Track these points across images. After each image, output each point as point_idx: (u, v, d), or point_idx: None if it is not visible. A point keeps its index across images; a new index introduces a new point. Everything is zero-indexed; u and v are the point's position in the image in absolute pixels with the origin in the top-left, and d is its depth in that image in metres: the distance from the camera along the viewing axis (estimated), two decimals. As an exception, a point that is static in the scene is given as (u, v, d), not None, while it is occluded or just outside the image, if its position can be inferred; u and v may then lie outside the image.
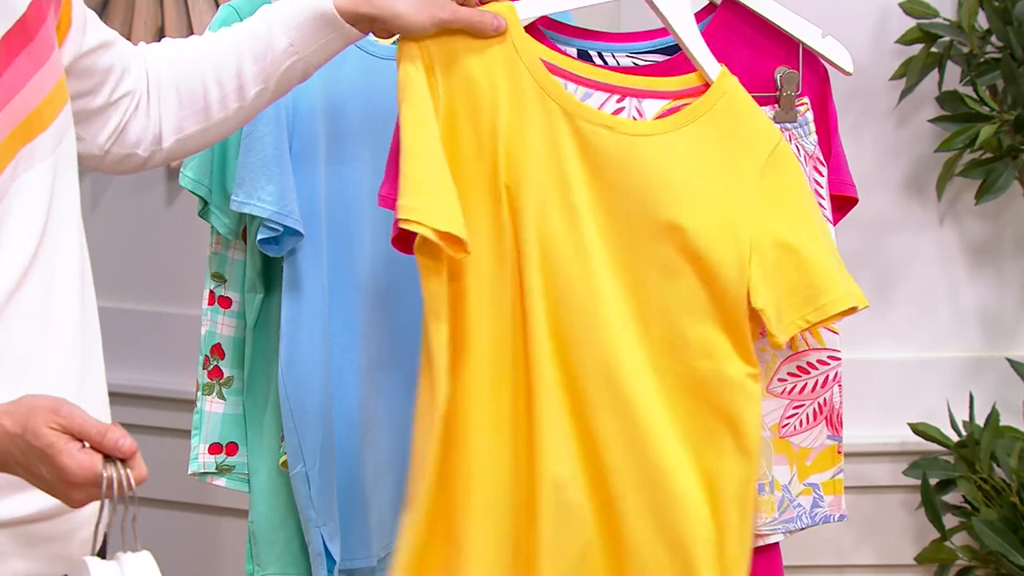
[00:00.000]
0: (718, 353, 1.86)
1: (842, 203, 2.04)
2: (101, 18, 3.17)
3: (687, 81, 1.90)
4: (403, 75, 1.82)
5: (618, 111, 1.87)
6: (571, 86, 1.86)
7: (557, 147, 1.84)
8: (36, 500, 1.51)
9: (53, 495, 1.46)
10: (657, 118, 1.88)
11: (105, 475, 1.42)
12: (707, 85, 1.89)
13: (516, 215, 1.83)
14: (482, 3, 1.85)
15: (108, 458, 1.43)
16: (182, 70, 1.84)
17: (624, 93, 1.88)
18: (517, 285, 1.84)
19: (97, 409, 1.66)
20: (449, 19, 1.80)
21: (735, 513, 1.86)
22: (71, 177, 1.66)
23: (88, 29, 1.74)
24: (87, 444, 1.44)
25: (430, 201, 1.78)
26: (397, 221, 1.87)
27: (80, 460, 1.42)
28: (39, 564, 1.60)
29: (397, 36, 1.86)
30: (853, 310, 1.89)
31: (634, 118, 1.87)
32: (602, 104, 1.87)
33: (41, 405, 1.45)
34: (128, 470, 1.43)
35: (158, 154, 1.85)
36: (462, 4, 1.82)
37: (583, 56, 2.01)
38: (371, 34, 1.86)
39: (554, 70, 1.86)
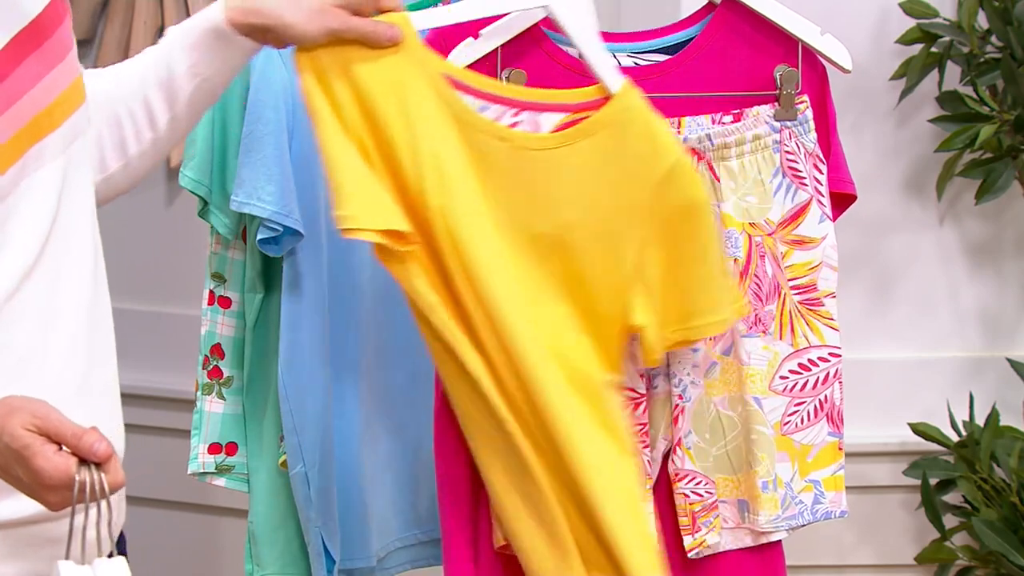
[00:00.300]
0: (596, 361, 1.86)
1: (841, 200, 2.04)
2: (101, 18, 3.19)
3: (587, 94, 1.87)
4: (305, 90, 1.80)
5: (515, 124, 1.85)
6: (469, 98, 1.84)
7: (454, 157, 1.82)
8: (33, 502, 1.51)
9: (31, 497, 1.46)
10: (554, 131, 1.86)
11: (78, 479, 1.42)
12: (607, 99, 1.87)
13: (423, 224, 1.81)
14: (381, 13, 1.83)
15: (84, 462, 1.43)
16: (100, 103, 1.79)
17: (522, 107, 1.86)
18: (447, 286, 1.83)
19: (104, 412, 1.66)
20: (341, 28, 1.77)
21: (631, 509, 1.86)
22: (84, 177, 1.66)
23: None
24: (64, 447, 1.43)
25: (363, 205, 1.77)
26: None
27: (55, 462, 1.42)
28: (40, 565, 1.60)
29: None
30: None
31: (530, 131, 1.86)
32: (499, 117, 1.85)
33: (20, 406, 1.45)
34: (103, 474, 1.42)
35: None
36: (355, 14, 1.79)
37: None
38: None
39: (453, 83, 1.84)
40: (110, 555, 1.44)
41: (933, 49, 2.67)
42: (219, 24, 1.76)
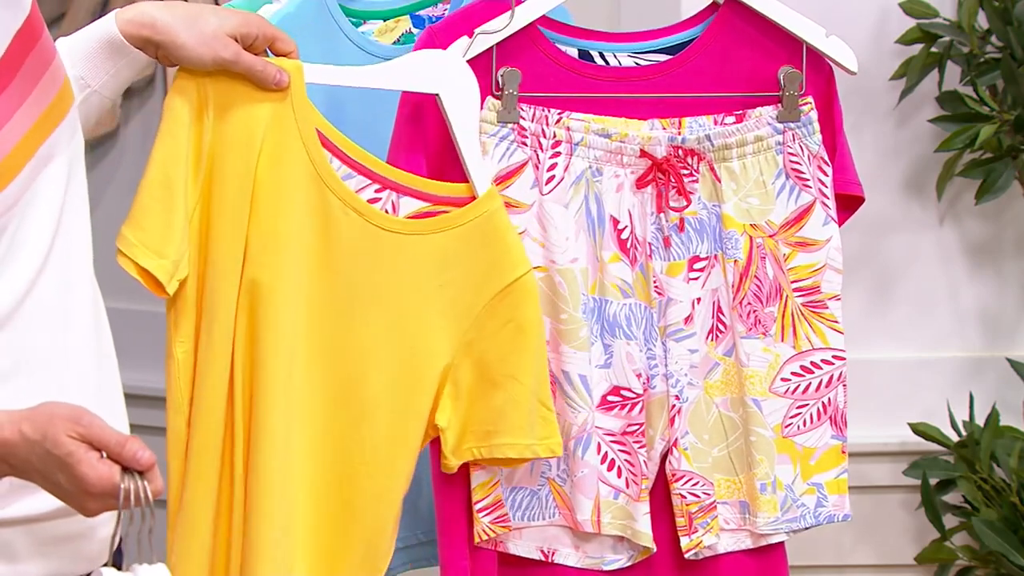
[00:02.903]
0: (383, 460, 1.84)
1: (849, 202, 2.04)
2: (100, 18, 3.18)
3: (453, 190, 1.87)
4: (169, 106, 1.79)
5: (374, 200, 1.85)
6: (336, 163, 1.83)
7: (303, 216, 1.81)
8: (54, 498, 1.52)
9: (68, 503, 1.46)
10: (410, 217, 1.85)
11: (123, 486, 1.42)
12: (472, 199, 1.86)
13: (247, 267, 1.80)
14: (274, 54, 1.82)
15: (126, 469, 1.43)
16: None
17: (385, 184, 1.85)
18: (231, 335, 1.81)
19: (115, 407, 1.66)
20: (231, 60, 1.75)
21: None
22: (80, 173, 1.66)
23: None
24: (105, 455, 1.44)
25: (143, 235, 1.76)
26: None
27: (99, 470, 1.42)
28: (58, 563, 1.60)
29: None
30: (530, 459, 1.89)
31: (387, 211, 1.85)
32: (360, 189, 1.84)
33: (61, 413, 1.44)
34: (145, 482, 1.43)
35: None
36: (248, 49, 1.77)
37: (584, 56, 2.01)
38: (156, 60, 1.79)
39: (325, 143, 1.82)
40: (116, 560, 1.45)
41: (933, 49, 2.67)
42: (112, 34, 1.74)
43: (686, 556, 1.99)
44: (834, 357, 2.00)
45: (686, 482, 1.98)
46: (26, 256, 1.57)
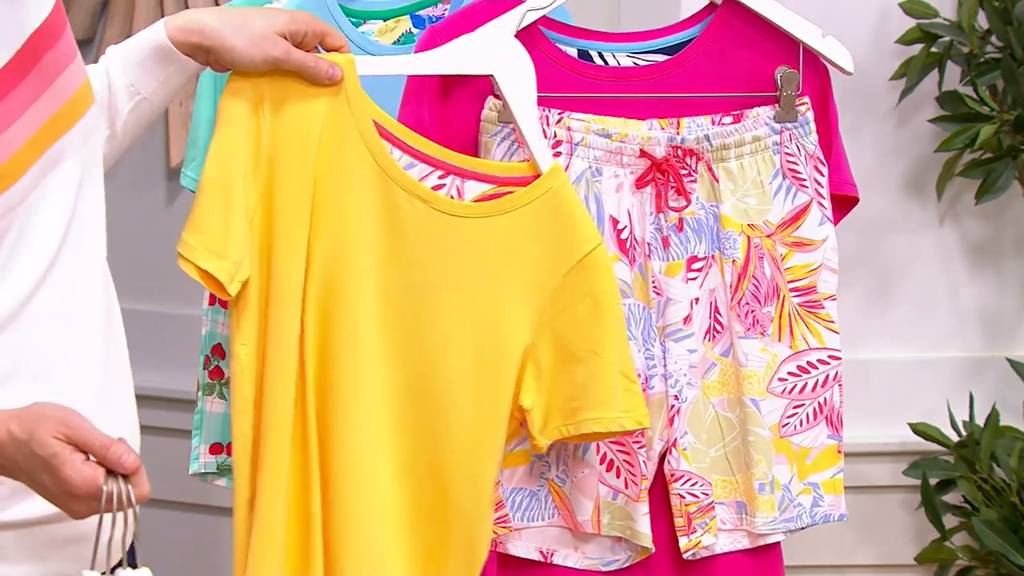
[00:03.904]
0: (471, 447, 1.83)
1: (843, 202, 2.04)
2: (101, 18, 3.19)
3: (516, 169, 1.87)
4: (224, 109, 1.78)
5: (438, 187, 1.84)
6: (396, 152, 1.83)
7: (368, 209, 1.81)
8: None
9: (55, 505, 1.46)
10: (476, 201, 1.85)
11: (106, 489, 1.42)
12: (535, 177, 1.85)
13: (310, 264, 1.79)
14: (325, 49, 1.82)
15: (112, 473, 1.43)
16: None
17: (448, 170, 1.85)
18: (299, 333, 1.80)
19: (122, 414, 1.66)
20: (282, 58, 1.75)
21: None
22: (97, 177, 1.66)
23: None
24: (92, 457, 1.44)
25: (204, 238, 1.76)
26: None
27: (83, 473, 1.42)
28: (59, 565, 1.60)
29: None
30: (619, 434, 1.88)
31: (452, 196, 1.85)
32: (424, 176, 1.84)
33: (50, 414, 1.45)
34: (129, 486, 1.43)
35: None
36: (298, 46, 1.78)
37: (584, 56, 2.01)
38: (204, 64, 1.79)
39: (384, 133, 1.82)
40: (133, 565, 1.45)
41: (933, 49, 2.67)
42: (162, 42, 1.75)
43: (684, 556, 1.99)
44: (830, 357, 2.00)
45: (685, 482, 1.98)
46: (31, 259, 1.57)
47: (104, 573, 1.44)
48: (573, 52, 2.00)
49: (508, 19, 1.90)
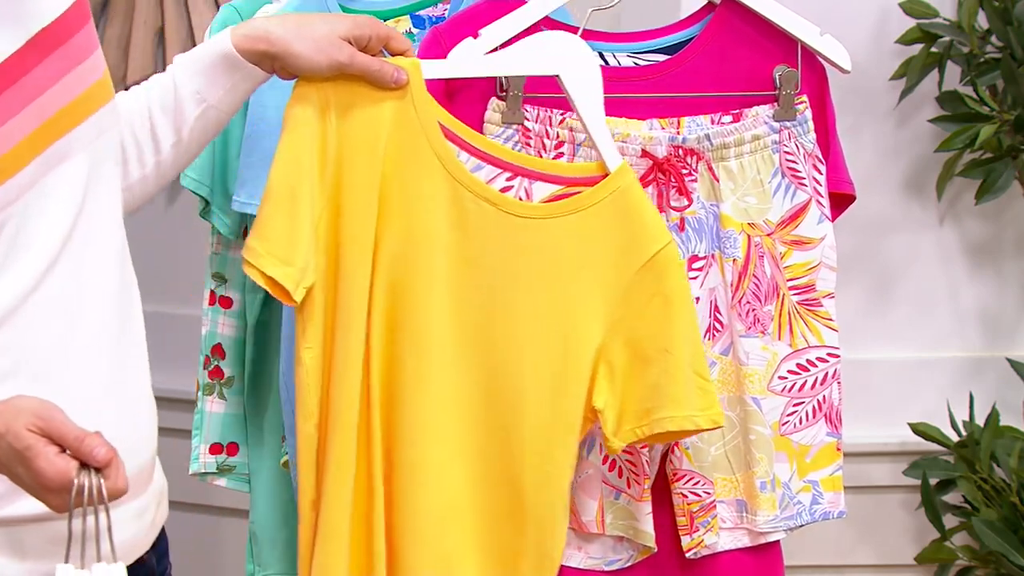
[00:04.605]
0: (545, 449, 1.83)
1: (840, 200, 2.04)
2: (101, 19, 3.19)
3: (584, 169, 1.86)
4: (290, 115, 1.78)
5: (506, 189, 1.84)
6: (463, 155, 1.83)
7: (435, 213, 1.81)
8: None
9: (35, 497, 1.46)
10: (544, 202, 1.85)
11: (76, 482, 1.42)
12: (603, 176, 1.85)
13: (377, 268, 1.79)
14: (390, 53, 1.82)
15: (86, 466, 1.43)
16: None
17: (516, 172, 1.85)
18: (365, 336, 1.80)
19: (134, 410, 1.66)
20: (347, 63, 1.76)
21: None
22: (110, 173, 1.66)
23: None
24: (68, 450, 1.44)
25: (269, 245, 1.76)
26: None
27: (56, 465, 1.42)
28: (53, 563, 1.60)
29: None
30: (693, 433, 1.87)
31: (520, 198, 1.85)
32: (491, 179, 1.84)
33: (25, 407, 1.45)
34: (101, 479, 1.42)
35: None
36: (363, 50, 1.78)
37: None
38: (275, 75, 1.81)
39: (450, 136, 1.82)
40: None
41: (933, 49, 2.67)
42: (228, 50, 1.76)
43: (687, 555, 1.99)
44: (828, 355, 2.00)
45: (687, 481, 1.98)
46: (31, 256, 1.57)
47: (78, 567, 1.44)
48: (574, 55, 2.00)
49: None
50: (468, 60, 1.88)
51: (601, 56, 2.02)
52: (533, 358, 1.82)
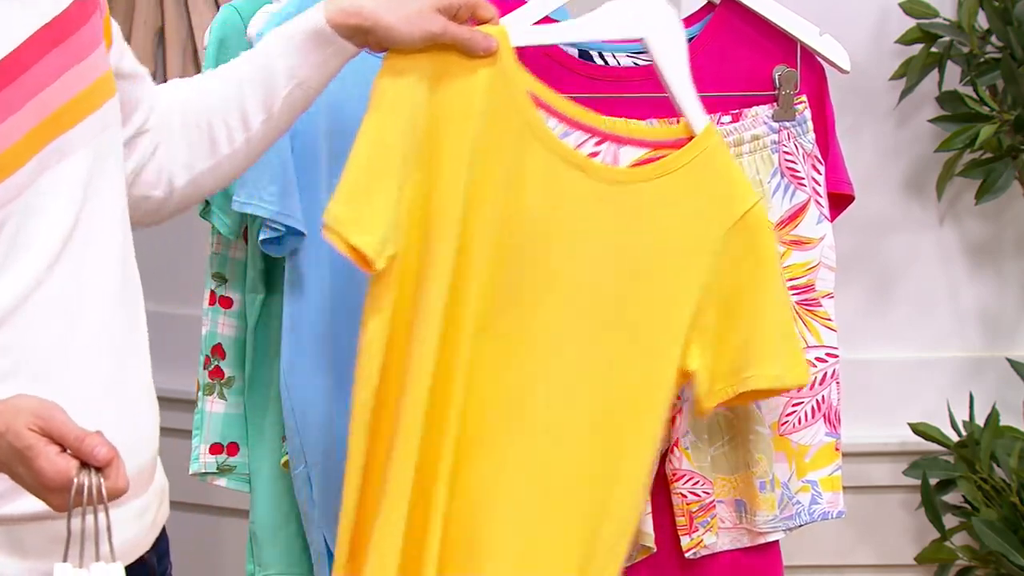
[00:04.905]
0: (638, 411, 1.84)
1: (838, 201, 2.05)
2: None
3: (671, 132, 1.87)
4: (381, 87, 1.79)
5: (594, 154, 1.85)
6: (552, 122, 1.84)
7: (526, 180, 1.81)
8: None
9: (36, 496, 1.46)
10: (633, 166, 1.85)
11: (76, 481, 1.41)
12: (690, 138, 1.86)
13: (469, 237, 1.80)
14: (477, 24, 1.84)
15: (87, 465, 1.43)
16: (188, 106, 1.82)
17: (604, 137, 1.86)
18: (450, 311, 1.80)
19: (136, 410, 1.66)
20: (439, 33, 1.78)
21: (606, 560, 1.85)
22: (112, 172, 1.66)
23: (125, 54, 1.76)
24: (68, 450, 1.44)
25: (353, 212, 1.77)
26: None
27: (56, 465, 1.42)
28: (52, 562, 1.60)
29: None
30: (780, 391, 1.88)
31: (608, 163, 1.85)
32: (580, 144, 1.85)
33: (26, 406, 1.45)
34: (101, 479, 1.42)
35: (173, 196, 1.83)
36: (452, 20, 1.79)
37: (584, 56, 2.01)
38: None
39: (539, 103, 1.83)
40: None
41: (933, 49, 2.67)
42: (320, 26, 1.78)
43: (686, 555, 1.99)
44: (827, 355, 2.00)
45: (687, 481, 1.98)
46: (32, 254, 1.57)
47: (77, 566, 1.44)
48: (574, 52, 2.00)
49: None
50: (555, 26, 1.90)
51: (601, 56, 2.02)
52: (624, 322, 1.83)
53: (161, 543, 1.77)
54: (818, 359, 2.00)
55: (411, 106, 1.79)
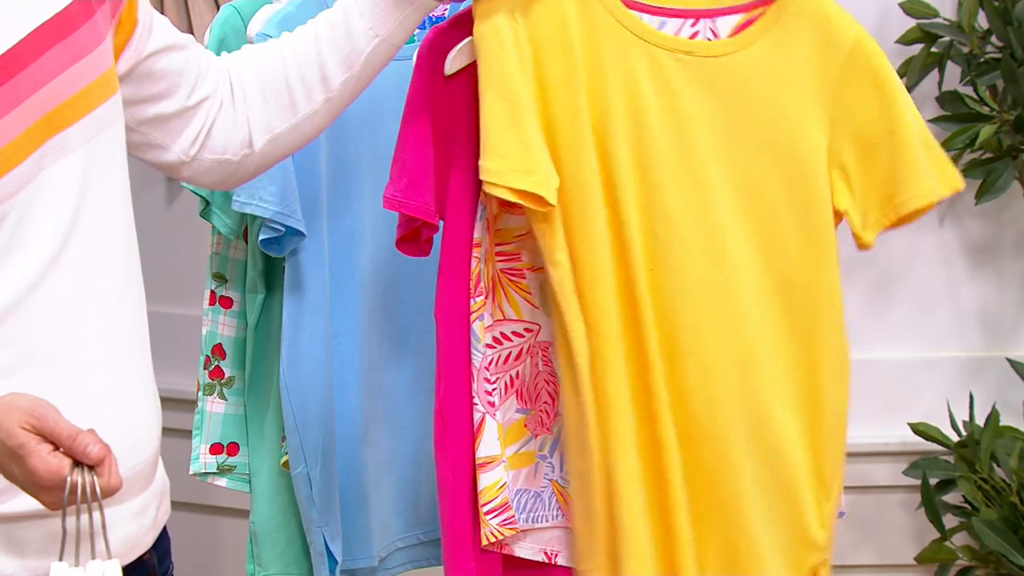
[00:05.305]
0: (812, 268, 1.88)
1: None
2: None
3: None
4: (481, 34, 1.81)
5: (694, 35, 1.86)
6: (646, 17, 1.85)
7: (640, 83, 1.83)
8: None
9: (28, 494, 1.46)
10: (732, 35, 1.87)
11: (70, 480, 1.42)
12: None
13: (606, 155, 1.82)
14: None
15: (80, 464, 1.43)
16: (264, 68, 1.83)
17: (697, 16, 1.87)
18: (614, 224, 1.83)
19: (137, 407, 1.66)
20: None
21: (832, 438, 1.90)
22: (114, 169, 1.66)
23: (155, 30, 1.76)
24: (61, 448, 1.44)
25: (509, 161, 1.78)
26: (401, 223, 1.87)
27: (49, 463, 1.42)
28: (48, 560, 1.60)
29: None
30: (937, 202, 1.90)
31: (709, 39, 1.87)
32: (678, 30, 1.86)
33: (19, 404, 1.45)
34: (94, 477, 1.42)
35: (251, 157, 1.84)
36: None
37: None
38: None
39: (629, 4, 1.85)
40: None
41: (933, 49, 2.67)
42: None
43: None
44: (830, 355, 2.00)
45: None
46: (33, 250, 1.57)
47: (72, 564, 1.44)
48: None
49: None
50: None
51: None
52: (776, 188, 1.85)
53: (162, 543, 1.77)
54: (821, 359, 2.00)
55: (516, 46, 1.81)
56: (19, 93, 1.56)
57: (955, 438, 2.70)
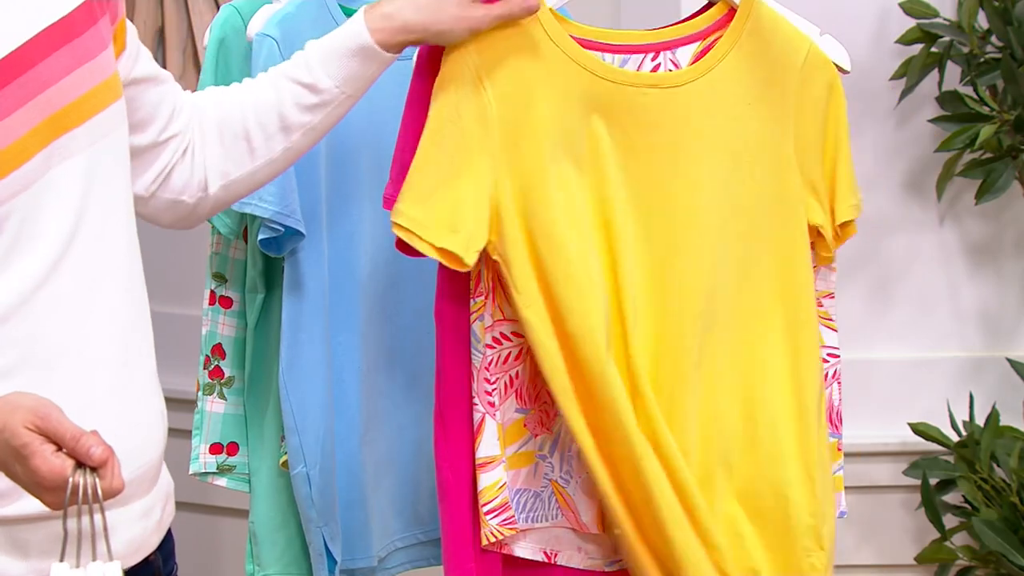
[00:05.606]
0: (785, 279, 1.91)
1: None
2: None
3: (711, 16, 1.91)
4: (442, 81, 1.82)
5: (656, 68, 1.87)
6: (607, 57, 1.86)
7: (612, 126, 1.84)
8: None
9: (31, 494, 1.46)
10: (693, 62, 1.88)
11: (72, 481, 1.42)
12: (732, 12, 1.90)
13: (592, 203, 1.84)
14: None
15: (83, 465, 1.43)
16: (224, 114, 1.84)
17: (656, 49, 1.88)
18: (609, 272, 1.85)
19: (141, 407, 1.66)
20: (484, 22, 1.80)
21: (814, 420, 1.90)
22: (117, 172, 1.66)
23: (140, 59, 1.76)
24: (64, 449, 1.44)
25: (433, 213, 1.78)
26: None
27: (52, 464, 1.42)
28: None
29: None
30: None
31: (671, 69, 1.88)
32: (639, 65, 1.87)
33: (23, 404, 1.45)
34: (96, 479, 1.42)
35: (205, 202, 1.85)
36: (487, 1, 1.81)
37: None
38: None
39: (587, 44, 1.85)
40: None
41: (933, 49, 2.67)
42: (367, 44, 1.80)
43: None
44: (828, 355, 2.00)
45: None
46: (37, 250, 1.57)
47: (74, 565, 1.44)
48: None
49: None
50: None
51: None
52: (752, 205, 1.88)
53: (167, 544, 1.77)
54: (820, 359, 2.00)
55: (476, 94, 1.81)
56: (26, 92, 1.56)
57: (955, 438, 2.70)
